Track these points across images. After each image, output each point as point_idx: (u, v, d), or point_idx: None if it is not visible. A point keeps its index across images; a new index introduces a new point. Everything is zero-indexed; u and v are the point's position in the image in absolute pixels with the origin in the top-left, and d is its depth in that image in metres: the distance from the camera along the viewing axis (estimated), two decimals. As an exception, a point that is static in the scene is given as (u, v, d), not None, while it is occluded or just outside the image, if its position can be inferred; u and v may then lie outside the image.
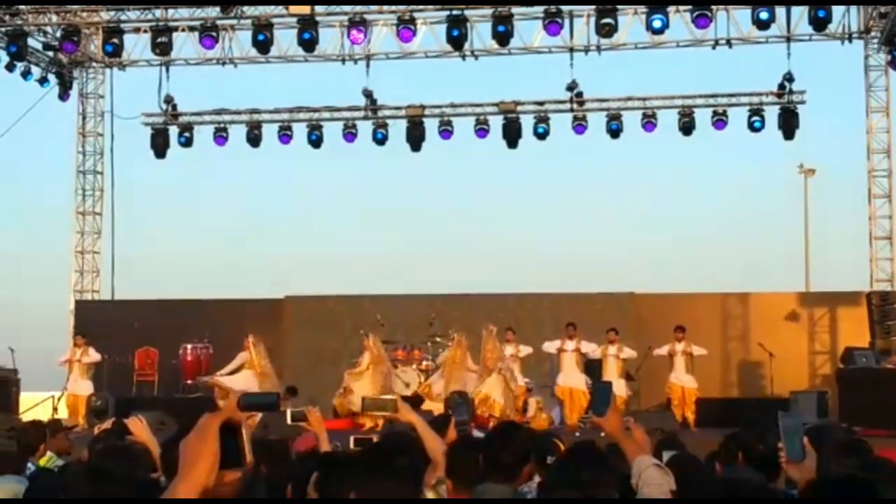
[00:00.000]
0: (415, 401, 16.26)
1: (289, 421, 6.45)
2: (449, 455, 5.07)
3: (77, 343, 20.47)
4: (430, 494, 5.35)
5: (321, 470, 4.21)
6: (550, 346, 19.49)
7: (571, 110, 23.82)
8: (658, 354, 19.37)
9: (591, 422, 15.50)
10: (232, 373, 19.03)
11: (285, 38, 22.76)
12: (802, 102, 23.01)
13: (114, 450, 5.40)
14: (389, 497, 3.52)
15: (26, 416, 17.09)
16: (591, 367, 19.41)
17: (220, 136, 24.87)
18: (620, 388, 18.01)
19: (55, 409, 20.25)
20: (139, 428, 6.41)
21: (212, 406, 15.97)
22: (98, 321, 23.35)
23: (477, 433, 7.35)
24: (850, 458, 4.10)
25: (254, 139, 24.76)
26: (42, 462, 7.99)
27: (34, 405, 21.23)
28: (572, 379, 18.95)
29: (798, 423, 4.10)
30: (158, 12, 22.52)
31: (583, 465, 4.23)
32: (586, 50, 22.84)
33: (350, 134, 24.49)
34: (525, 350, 19.68)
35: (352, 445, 7.14)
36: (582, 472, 4.16)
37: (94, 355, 20.17)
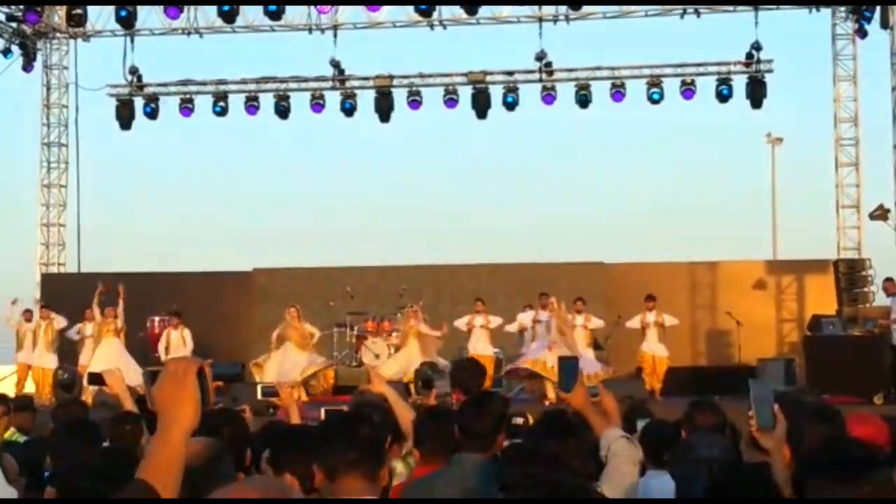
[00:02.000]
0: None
1: (259, 396, 6.43)
2: (416, 425, 5.05)
3: (42, 315, 20.32)
4: (399, 465, 5.33)
5: (275, 444, 4.18)
6: (525, 318, 19.44)
7: (540, 80, 23.77)
8: (630, 327, 19.40)
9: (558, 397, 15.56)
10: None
11: (251, 8, 22.57)
12: (770, 71, 23.06)
13: (73, 424, 5.37)
14: (352, 468, 3.49)
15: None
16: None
17: (186, 107, 24.66)
18: (590, 365, 18.08)
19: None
20: (115, 379, 6.38)
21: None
22: (65, 294, 23.17)
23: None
24: (824, 425, 4.10)
25: (220, 110, 24.55)
26: (7, 435, 7.92)
27: (0, 378, 21.07)
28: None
29: (769, 391, 4.09)
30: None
31: (551, 435, 4.22)
32: (555, 20, 22.81)
33: (318, 104, 24.34)
34: (495, 321, 19.68)
35: (322, 417, 7.11)
36: (549, 441, 4.16)
37: (62, 321, 20.16)
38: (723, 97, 23.25)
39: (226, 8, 21.67)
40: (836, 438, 3.91)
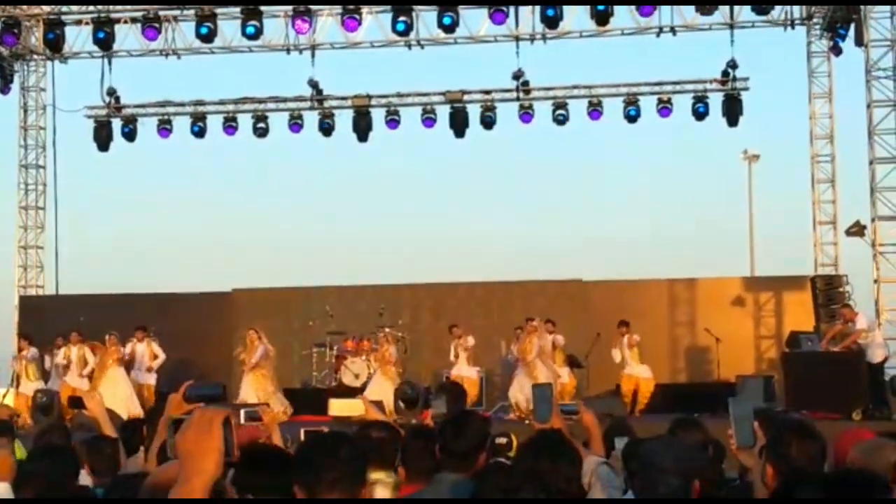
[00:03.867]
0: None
1: (242, 420, 6.39)
2: (401, 445, 5.06)
3: (21, 346, 20.17)
4: (379, 489, 5.34)
5: (248, 465, 4.15)
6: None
7: (518, 99, 23.86)
8: (615, 356, 19.43)
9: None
10: None
11: (229, 29, 22.62)
12: (746, 89, 23.22)
13: (46, 450, 5.35)
14: (332, 487, 3.50)
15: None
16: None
17: (165, 128, 24.63)
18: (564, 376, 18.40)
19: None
20: (95, 403, 6.36)
21: (161, 399, 15.86)
22: (43, 316, 23.08)
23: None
24: (811, 442, 4.11)
25: (198, 131, 24.53)
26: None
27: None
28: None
29: (748, 410, 4.13)
30: (100, 5, 22.22)
31: (542, 455, 4.24)
32: (532, 38, 22.90)
33: (296, 125, 24.36)
34: (470, 340, 19.73)
35: (302, 437, 7.10)
36: (540, 460, 4.18)
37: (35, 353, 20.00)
38: (699, 115, 23.39)
39: (204, 28, 21.68)
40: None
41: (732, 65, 22.76)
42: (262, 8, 21.84)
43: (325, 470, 3.53)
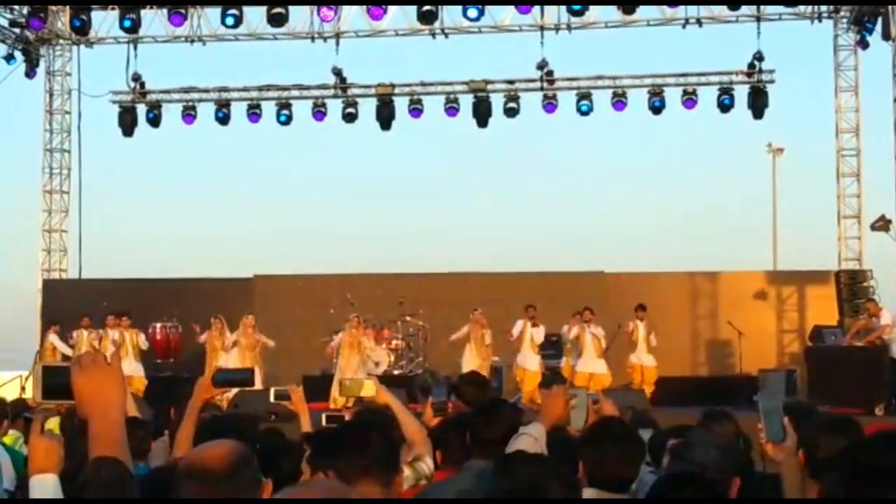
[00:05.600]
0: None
1: (272, 399, 6.42)
2: (438, 432, 5.10)
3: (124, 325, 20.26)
4: (407, 471, 5.36)
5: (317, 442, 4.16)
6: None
7: (542, 89, 23.79)
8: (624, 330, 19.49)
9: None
10: None
11: (255, 16, 22.60)
12: (772, 82, 23.09)
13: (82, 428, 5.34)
14: (365, 474, 3.49)
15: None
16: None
17: (189, 114, 24.67)
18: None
19: (23, 389, 20.09)
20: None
21: (183, 384, 15.91)
22: (67, 300, 23.20)
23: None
24: (842, 436, 4.09)
25: (223, 118, 24.57)
26: (6, 440, 7.90)
27: (1, 384, 21.10)
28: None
29: (778, 404, 4.12)
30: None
31: (610, 440, 4.22)
32: (557, 28, 22.82)
33: (319, 112, 24.36)
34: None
35: (324, 422, 7.10)
36: (610, 446, 4.16)
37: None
38: (724, 107, 23.27)
39: (230, 15, 21.67)
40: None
41: (759, 57, 22.65)
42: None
43: (359, 456, 3.52)
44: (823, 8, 22.65)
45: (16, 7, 22.94)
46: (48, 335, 20.58)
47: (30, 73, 24.51)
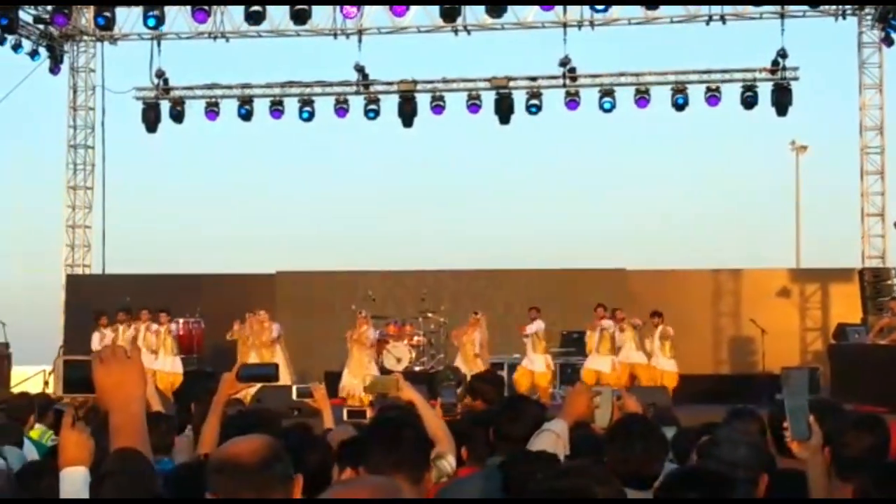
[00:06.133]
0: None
1: (294, 397, 6.45)
2: (464, 426, 5.11)
3: (162, 320, 20.34)
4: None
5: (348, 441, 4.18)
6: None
7: (564, 86, 23.75)
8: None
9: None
10: None
11: (277, 13, 22.64)
12: (796, 79, 23.00)
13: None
14: (395, 470, 3.50)
15: (17, 390, 17.04)
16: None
17: (212, 110, 24.75)
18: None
19: (46, 384, 20.21)
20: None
21: (206, 379, 15.96)
22: (90, 295, 23.32)
23: None
24: (869, 434, 4.08)
25: (245, 114, 24.65)
26: (33, 434, 7.93)
27: (25, 379, 21.21)
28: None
29: (804, 402, 4.10)
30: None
31: (635, 438, 4.22)
32: (579, 25, 22.79)
33: (342, 109, 24.39)
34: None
35: (345, 417, 7.13)
36: (635, 444, 4.17)
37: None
38: (748, 104, 23.19)
39: (253, 11, 21.69)
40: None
41: (782, 54, 22.56)
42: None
43: (389, 452, 3.53)
44: (847, 5, 22.55)
45: (40, 3, 23.05)
46: (100, 328, 20.47)
47: (54, 70, 24.64)
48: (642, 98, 23.62)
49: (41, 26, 23.73)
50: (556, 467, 3.85)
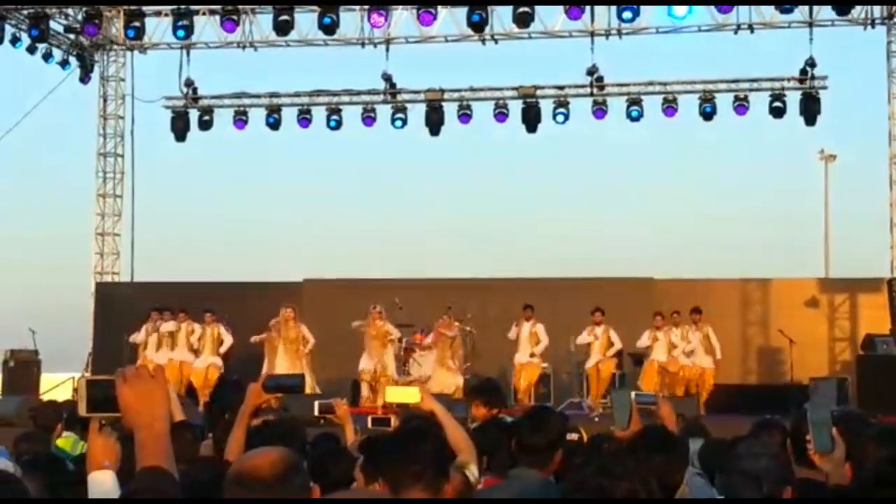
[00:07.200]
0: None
1: (316, 412, 6.46)
2: (480, 434, 5.12)
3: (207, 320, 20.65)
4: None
5: (370, 452, 4.21)
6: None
7: (591, 95, 23.74)
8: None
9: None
10: None
11: (305, 22, 22.75)
12: (824, 88, 22.90)
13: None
14: (415, 481, 3.52)
15: (46, 398, 17.19)
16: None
17: (240, 119, 24.89)
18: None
19: (75, 391, 20.36)
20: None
21: (235, 385, 16.01)
22: (119, 303, 23.47)
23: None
24: (889, 446, 4.06)
25: (273, 123, 24.77)
26: (60, 443, 7.96)
27: (54, 386, 21.37)
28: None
29: (826, 414, 4.10)
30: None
31: (654, 450, 4.23)
32: (607, 34, 22.76)
33: (369, 118, 24.47)
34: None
35: (370, 425, 7.15)
36: (655, 456, 4.17)
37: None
38: (776, 113, 23.10)
39: (281, 21, 21.79)
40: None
41: (811, 63, 22.46)
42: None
43: (409, 463, 3.55)
44: (877, 14, 22.43)
45: (71, 13, 23.26)
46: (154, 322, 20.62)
47: (84, 79, 24.85)
48: (670, 107, 23.57)
49: (72, 36, 23.95)
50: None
